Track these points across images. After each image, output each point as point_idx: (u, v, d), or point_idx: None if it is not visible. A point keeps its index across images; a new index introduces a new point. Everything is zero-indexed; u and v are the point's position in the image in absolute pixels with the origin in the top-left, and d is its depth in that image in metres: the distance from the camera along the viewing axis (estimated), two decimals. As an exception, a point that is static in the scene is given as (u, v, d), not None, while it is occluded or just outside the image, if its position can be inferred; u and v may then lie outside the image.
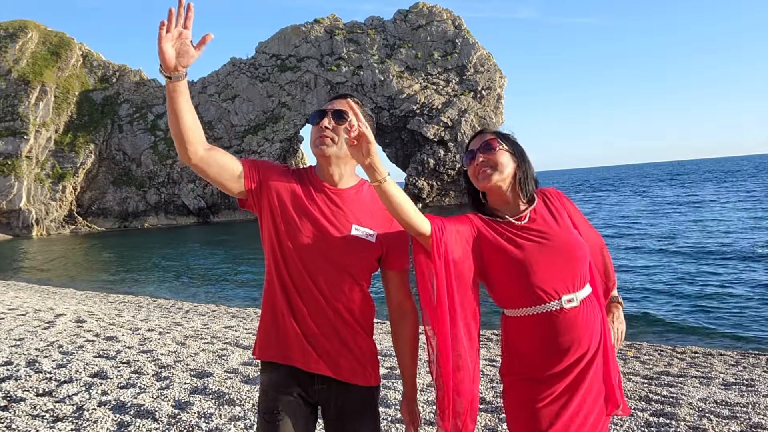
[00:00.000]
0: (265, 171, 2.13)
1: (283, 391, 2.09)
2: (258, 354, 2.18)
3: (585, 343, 2.10)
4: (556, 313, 2.09)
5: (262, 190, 2.11)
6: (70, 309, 11.86)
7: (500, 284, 2.15)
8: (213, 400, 4.89)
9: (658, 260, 17.66)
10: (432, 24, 63.93)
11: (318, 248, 2.06)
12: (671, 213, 33.96)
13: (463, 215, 2.19)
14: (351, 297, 2.11)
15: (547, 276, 2.08)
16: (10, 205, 56.70)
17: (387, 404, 4.82)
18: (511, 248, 2.11)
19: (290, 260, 2.08)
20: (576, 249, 2.15)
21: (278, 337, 2.12)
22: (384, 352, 7.06)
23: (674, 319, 10.87)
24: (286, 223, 2.08)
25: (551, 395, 2.10)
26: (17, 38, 63.80)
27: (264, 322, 2.16)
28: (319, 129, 2.10)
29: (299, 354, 2.10)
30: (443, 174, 58.71)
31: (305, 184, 2.14)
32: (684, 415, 4.55)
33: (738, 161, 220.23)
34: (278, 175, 2.14)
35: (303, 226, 2.07)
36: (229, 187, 2.07)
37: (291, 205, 2.09)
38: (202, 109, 63.96)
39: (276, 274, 2.11)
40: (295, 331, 2.09)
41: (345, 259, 2.08)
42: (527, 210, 2.21)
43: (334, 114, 2.09)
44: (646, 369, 6.67)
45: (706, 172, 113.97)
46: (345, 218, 2.10)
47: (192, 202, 60.78)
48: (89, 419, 4.48)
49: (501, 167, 2.19)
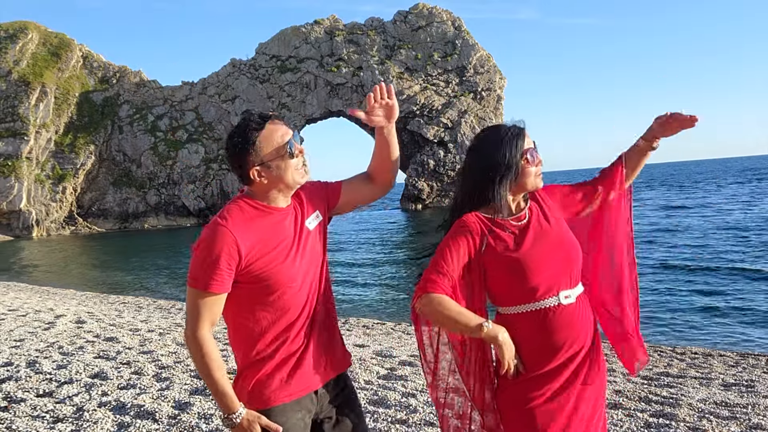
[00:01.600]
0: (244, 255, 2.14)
1: (296, 416, 2.12)
2: (269, 402, 2.08)
3: (580, 339, 2.14)
4: (554, 310, 2.12)
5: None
6: (70, 310, 11.87)
7: (499, 283, 2.16)
8: (213, 401, 4.89)
9: (658, 261, 17.66)
10: (432, 25, 63.93)
11: (298, 268, 2.11)
12: (675, 216, 33.96)
13: (457, 240, 2.14)
14: (326, 285, 2.23)
15: (546, 273, 2.11)
16: (11, 206, 56.68)
17: (387, 405, 4.82)
18: (512, 248, 2.13)
19: (274, 295, 2.08)
20: (571, 248, 2.19)
21: (291, 374, 2.11)
22: (384, 352, 7.07)
23: (674, 319, 10.87)
24: (274, 270, 2.08)
25: (546, 394, 2.11)
26: (17, 39, 63.80)
27: (258, 369, 2.09)
28: (302, 158, 2.14)
29: (317, 375, 2.15)
30: (443, 175, 58.71)
31: (257, 220, 2.11)
32: (684, 415, 4.55)
33: (739, 161, 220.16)
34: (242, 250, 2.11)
35: (282, 261, 2.09)
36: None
37: (270, 254, 2.08)
38: (202, 110, 63.98)
39: (261, 317, 2.09)
40: (309, 356, 2.13)
41: (316, 256, 2.18)
42: (525, 209, 2.23)
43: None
44: (645, 370, 6.67)
45: (705, 173, 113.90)
46: (298, 225, 2.16)
47: (192, 203, 60.78)
48: (89, 420, 4.48)
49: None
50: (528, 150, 2.19)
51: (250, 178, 2.07)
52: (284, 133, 2.08)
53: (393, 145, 2.27)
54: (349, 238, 32.60)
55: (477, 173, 2.20)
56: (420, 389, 5.31)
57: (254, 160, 2.04)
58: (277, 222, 2.10)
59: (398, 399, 4.96)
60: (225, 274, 1.97)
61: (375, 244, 28.84)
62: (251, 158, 2.04)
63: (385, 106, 2.17)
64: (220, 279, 1.97)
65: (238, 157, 2.05)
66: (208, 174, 60.86)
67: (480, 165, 2.21)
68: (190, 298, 2.02)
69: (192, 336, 2.01)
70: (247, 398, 2.07)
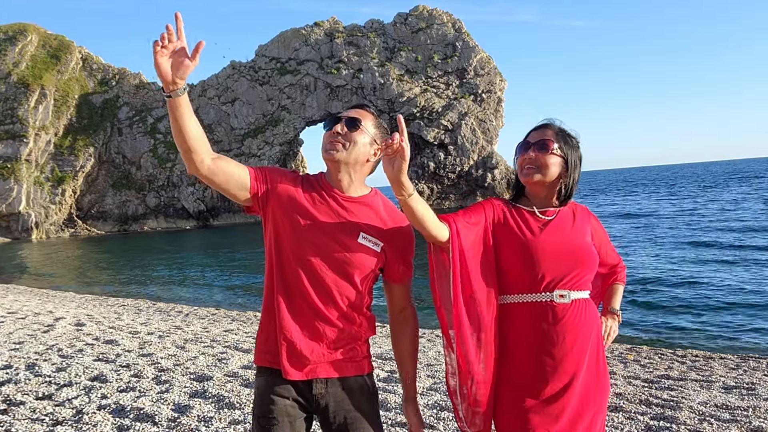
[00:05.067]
0: (273, 177, 2.13)
1: (279, 395, 2.10)
2: (257, 359, 2.19)
3: (569, 340, 2.12)
4: (545, 305, 2.13)
5: (269, 197, 2.11)
6: (69, 312, 11.86)
7: (506, 265, 2.18)
8: (213, 404, 4.89)
9: (657, 261, 17.66)
10: (432, 27, 63.98)
11: (324, 253, 2.07)
12: (676, 217, 33.97)
13: (479, 203, 2.26)
14: (353, 302, 2.13)
15: (550, 268, 2.13)
16: (10, 209, 56.67)
17: (387, 408, 4.81)
18: (526, 232, 2.18)
19: (292, 264, 2.08)
20: (586, 254, 2.20)
21: (275, 343, 2.12)
22: (384, 355, 7.06)
23: (674, 321, 10.86)
24: (292, 228, 2.08)
25: (539, 398, 2.11)
26: (17, 41, 63.83)
27: (263, 328, 2.17)
28: (332, 134, 2.11)
29: (302, 364, 2.11)
30: (443, 177, 58.73)
31: (314, 190, 2.14)
32: (684, 418, 4.55)
33: (737, 164, 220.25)
34: (285, 182, 2.14)
35: (309, 231, 2.07)
36: (235, 194, 2.07)
37: (297, 210, 2.09)
38: (201, 112, 63.99)
39: (277, 279, 2.11)
40: (297, 339, 2.10)
41: (349, 265, 2.09)
42: (555, 209, 2.26)
43: (347, 121, 2.12)
44: (646, 372, 6.67)
45: (706, 175, 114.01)
46: (353, 225, 2.11)
47: (192, 206, 60.78)
48: (89, 423, 4.47)
49: (545, 170, 2.21)
50: (519, 143, 2.28)
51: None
52: (344, 112, 2.20)
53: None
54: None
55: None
56: (420, 392, 5.31)
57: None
58: (320, 195, 2.13)
59: (398, 402, 4.95)
60: (257, 171, 2.09)
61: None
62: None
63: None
64: (261, 171, 2.10)
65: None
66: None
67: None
68: None
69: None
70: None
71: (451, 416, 4.58)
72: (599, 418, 2.19)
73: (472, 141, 58.93)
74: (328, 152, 2.11)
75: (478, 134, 59.20)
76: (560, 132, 2.25)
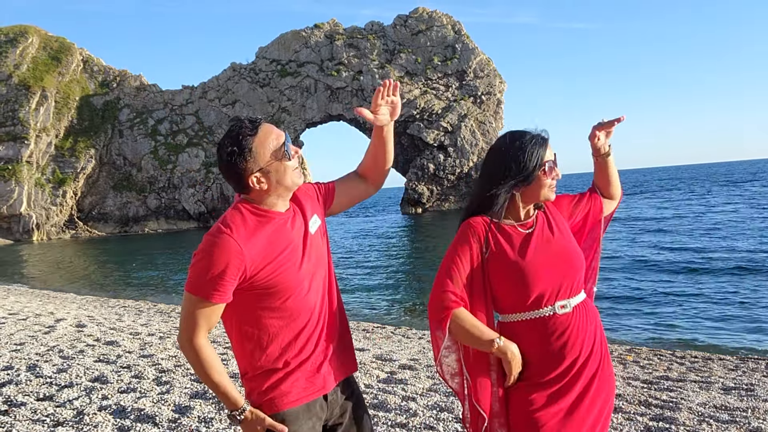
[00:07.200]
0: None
1: (307, 426, 2.09)
2: (280, 407, 2.04)
3: (576, 347, 2.15)
4: (549, 319, 2.15)
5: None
6: (70, 313, 11.87)
7: (501, 289, 2.19)
8: (213, 405, 4.90)
9: (657, 263, 17.66)
10: (432, 29, 64.01)
11: (305, 267, 2.09)
12: (675, 218, 33.97)
13: (463, 244, 2.18)
14: (333, 287, 2.22)
15: (547, 283, 2.14)
16: (11, 210, 56.69)
17: (387, 409, 4.82)
18: (514, 255, 2.16)
19: (291, 296, 2.07)
20: (574, 258, 2.22)
21: (302, 379, 2.08)
22: (384, 356, 7.07)
23: (674, 322, 10.87)
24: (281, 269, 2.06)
25: (547, 400, 2.13)
26: (18, 43, 63.89)
27: (275, 376, 2.05)
28: (297, 159, 2.10)
29: (328, 379, 2.13)
30: (443, 179, 58.75)
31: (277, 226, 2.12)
32: (683, 419, 4.56)
33: (738, 165, 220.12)
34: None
35: (290, 261, 2.07)
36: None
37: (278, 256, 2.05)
38: (202, 113, 64.07)
39: (277, 323, 2.06)
40: (319, 360, 2.11)
41: (321, 258, 2.16)
42: (532, 217, 2.27)
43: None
44: (645, 373, 6.67)
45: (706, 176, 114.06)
46: (303, 229, 2.13)
47: (192, 207, 60.81)
48: (90, 424, 4.49)
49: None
50: (547, 162, 2.19)
51: (249, 185, 2.00)
52: (278, 135, 2.02)
53: (390, 144, 2.29)
54: (349, 242, 32.61)
55: (492, 173, 2.21)
56: (420, 393, 5.32)
57: (252, 167, 1.97)
58: (280, 227, 2.04)
59: (398, 403, 4.96)
60: (228, 285, 1.92)
61: (375, 248, 28.83)
62: (249, 165, 1.97)
63: (391, 103, 2.20)
64: (223, 290, 1.92)
65: (233, 165, 1.97)
66: (208, 178, 60.89)
67: (496, 166, 2.21)
68: (187, 305, 1.96)
69: (189, 343, 1.96)
70: (257, 405, 2.03)
71: (452, 416, 4.59)
72: (609, 416, 2.24)
73: (471, 143, 58.96)
74: (301, 178, 2.12)
75: (477, 136, 59.23)
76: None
